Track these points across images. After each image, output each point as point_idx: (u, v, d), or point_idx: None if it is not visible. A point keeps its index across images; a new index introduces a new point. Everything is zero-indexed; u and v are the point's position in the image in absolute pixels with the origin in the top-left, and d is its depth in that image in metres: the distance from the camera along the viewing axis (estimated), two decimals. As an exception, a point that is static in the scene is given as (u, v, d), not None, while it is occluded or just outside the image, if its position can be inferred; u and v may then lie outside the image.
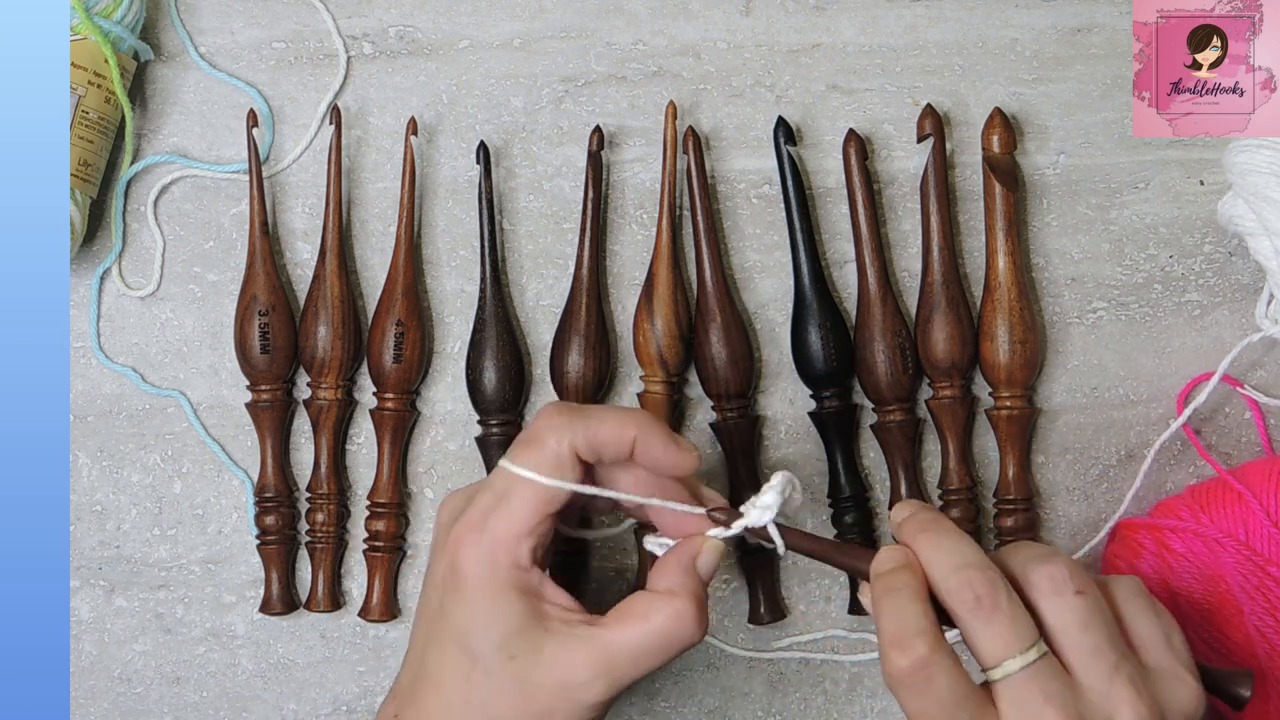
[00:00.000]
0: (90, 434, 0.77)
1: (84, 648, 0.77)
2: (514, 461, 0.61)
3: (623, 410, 0.62)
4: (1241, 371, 0.77)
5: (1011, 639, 0.57)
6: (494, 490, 0.61)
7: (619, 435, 0.61)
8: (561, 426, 0.61)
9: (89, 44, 0.73)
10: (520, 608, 0.60)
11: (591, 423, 0.61)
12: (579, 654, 0.59)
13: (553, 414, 0.61)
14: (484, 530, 0.60)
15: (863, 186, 0.76)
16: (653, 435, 0.61)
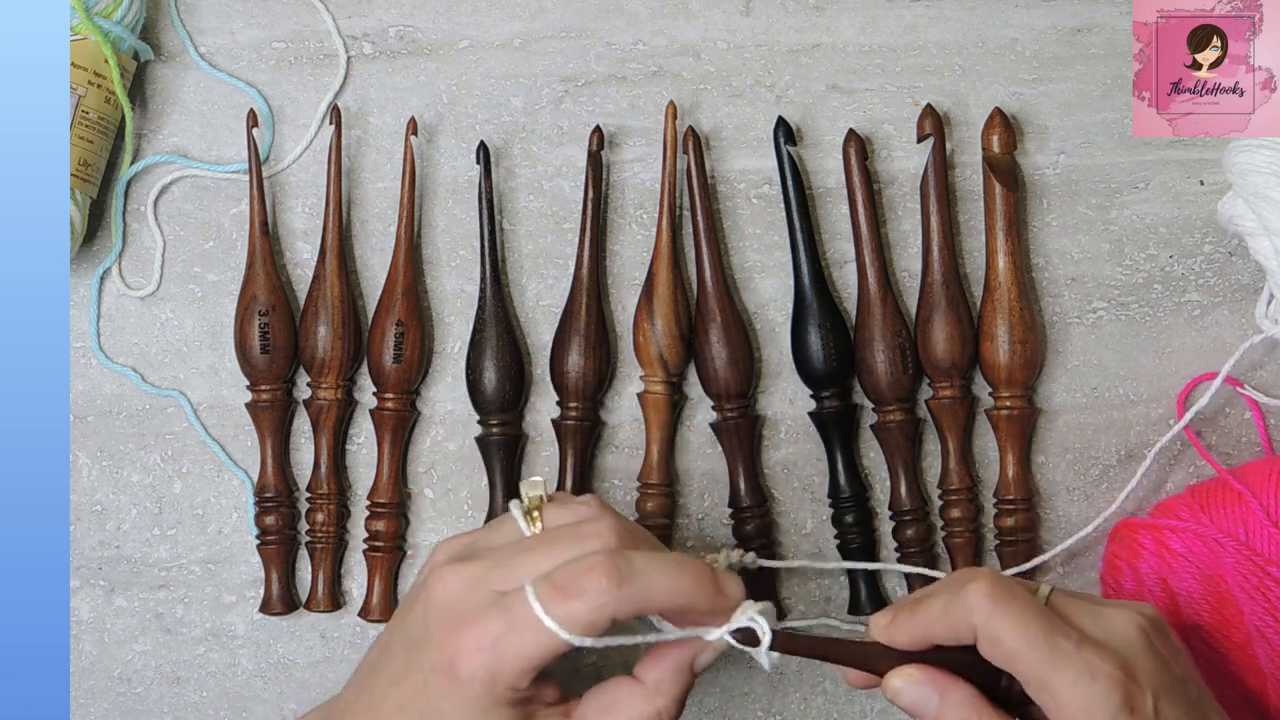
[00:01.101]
0: (90, 434, 0.77)
1: (84, 648, 0.76)
2: (545, 604, 0.56)
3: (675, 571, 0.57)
4: (1242, 371, 0.77)
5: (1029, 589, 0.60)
6: (511, 618, 0.56)
7: (667, 604, 0.58)
8: (605, 591, 0.56)
9: (89, 44, 0.73)
10: (514, 715, 0.58)
11: (641, 596, 0.57)
12: None
13: (598, 569, 0.56)
14: (492, 653, 0.57)
15: (863, 186, 0.76)
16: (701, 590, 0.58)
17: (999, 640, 0.58)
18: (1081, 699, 0.57)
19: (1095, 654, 0.57)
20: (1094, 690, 0.57)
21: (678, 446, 0.77)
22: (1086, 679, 0.57)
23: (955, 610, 0.59)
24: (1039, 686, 0.57)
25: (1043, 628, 0.57)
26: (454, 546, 0.61)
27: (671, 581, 0.57)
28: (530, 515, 0.61)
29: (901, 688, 0.59)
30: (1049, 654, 0.57)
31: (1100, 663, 0.57)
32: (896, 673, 0.60)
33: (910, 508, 0.76)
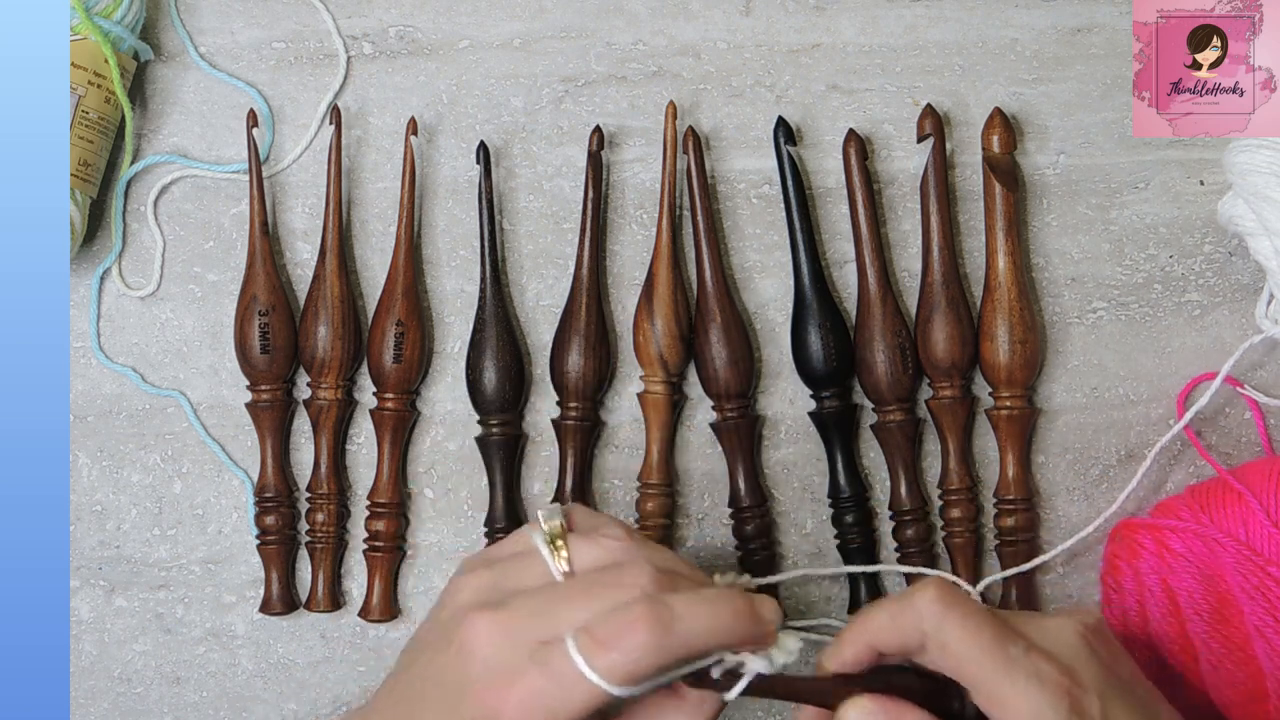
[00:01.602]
0: (90, 434, 0.77)
1: (84, 648, 0.77)
2: (591, 667, 0.55)
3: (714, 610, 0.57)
4: (1242, 371, 0.77)
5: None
6: (553, 672, 0.56)
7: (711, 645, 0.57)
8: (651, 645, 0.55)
9: (89, 44, 0.73)
10: None
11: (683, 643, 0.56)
12: None
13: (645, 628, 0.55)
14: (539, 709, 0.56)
15: (863, 186, 0.76)
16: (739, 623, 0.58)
17: (948, 645, 0.57)
18: (1031, 705, 0.57)
19: (1042, 660, 0.57)
20: (1043, 696, 0.57)
21: (678, 446, 0.77)
22: (1036, 685, 0.57)
23: (904, 617, 0.58)
24: (988, 693, 0.57)
25: (993, 634, 0.57)
26: (478, 585, 0.60)
27: (713, 622, 0.57)
28: (554, 546, 0.60)
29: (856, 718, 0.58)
30: (999, 659, 0.57)
31: (1048, 668, 0.57)
32: (850, 704, 0.59)
33: (910, 508, 0.76)
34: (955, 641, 0.57)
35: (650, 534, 0.75)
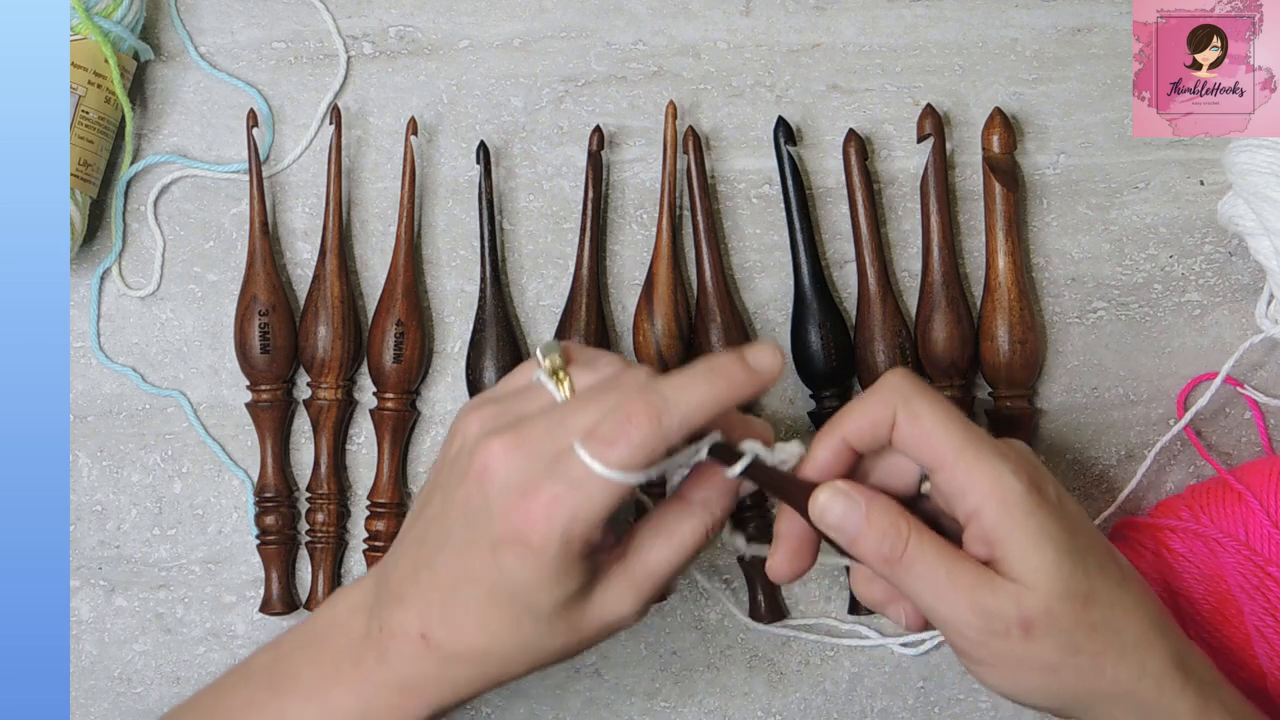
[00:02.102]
0: (90, 434, 0.77)
1: (84, 648, 0.76)
2: (602, 462, 0.57)
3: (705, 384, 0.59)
4: (1242, 371, 0.77)
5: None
6: (571, 479, 0.57)
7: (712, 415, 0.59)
8: (652, 433, 0.57)
9: (89, 44, 0.73)
10: (584, 571, 0.59)
11: (684, 422, 0.58)
12: (620, 587, 0.60)
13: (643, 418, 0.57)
14: (563, 516, 0.57)
15: (863, 186, 0.76)
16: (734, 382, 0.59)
17: (919, 416, 0.59)
18: (993, 473, 0.58)
19: (1003, 443, 0.60)
20: (1005, 467, 0.58)
21: (678, 446, 0.77)
22: (999, 458, 0.58)
23: (874, 399, 0.60)
24: (953, 466, 0.59)
25: (958, 414, 0.60)
26: (486, 417, 0.61)
27: (708, 389, 0.59)
28: (557, 378, 0.61)
29: (827, 501, 0.60)
30: (965, 433, 0.59)
31: (1008, 449, 0.59)
32: (822, 487, 0.60)
33: (910, 508, 0.76)
34: (926, 416, 0.59)
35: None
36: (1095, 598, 0.59)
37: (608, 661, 0.77)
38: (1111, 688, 0.59)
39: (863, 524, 0.60)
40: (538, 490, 0.58)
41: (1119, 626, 0.59)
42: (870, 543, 0.60)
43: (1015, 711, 0.76)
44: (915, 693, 0.77)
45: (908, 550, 0.59)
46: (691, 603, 0.77)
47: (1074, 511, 0.61)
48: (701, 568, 0.77)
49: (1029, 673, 0.59)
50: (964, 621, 0.59)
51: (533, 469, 0.58)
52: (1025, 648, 0.58)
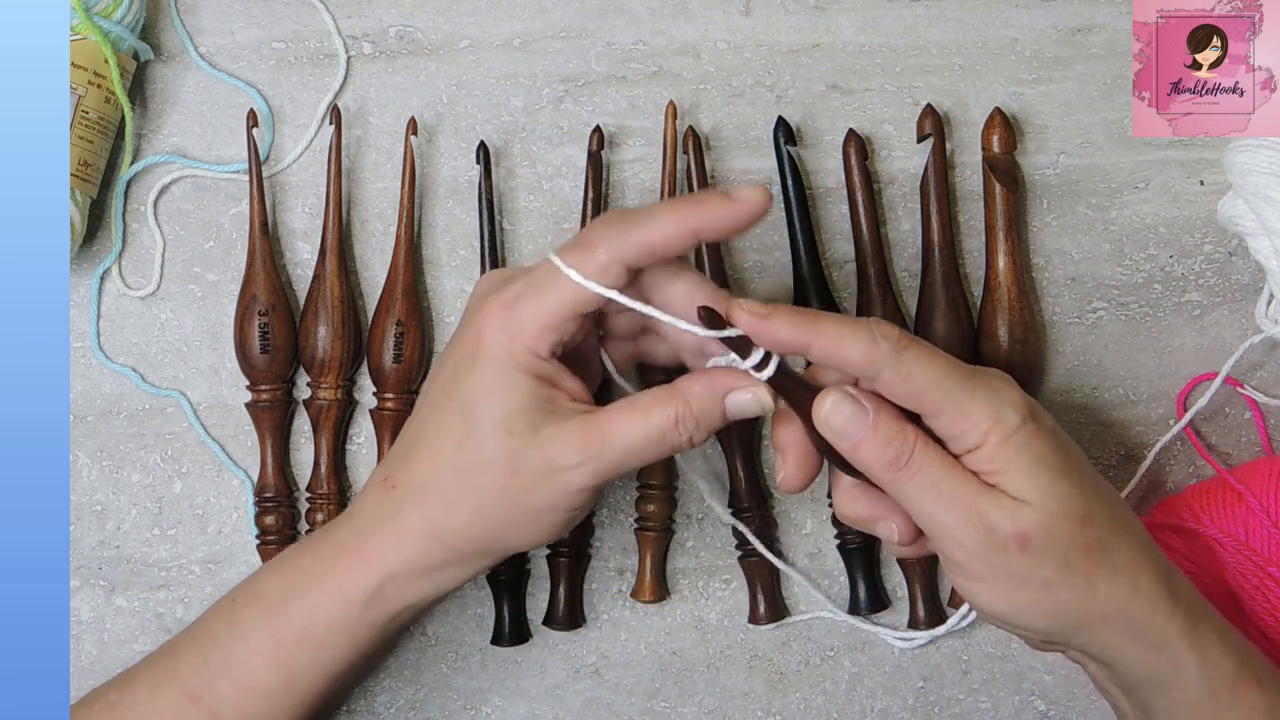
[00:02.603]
0: (90, 434, 0.77)
1: (84, 648, 0.76)
2: (561, 257, 0.60)
3: (675, 206, 0.61)
4: (1242, 371, 0.77)
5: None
6: (532, 279, 0.61)
7: (675, 231, 0.60)
8: (614, 237, 0.60)
9: (89, 44, 0.73)
10: (529, 389, 0.60)
11: (645, 230, 0.60)
12: (573, 436, 0.60)
13: (607, 222, 0.60)
14: (512, 310, 0.60)
15: (863, 186, 0.76)
16: (710, 209, 0.60)
17: (911, 376, 0.59)
18: (992, 412, 0.59)
19: (994, 377, 0.61)
20: (1002, 403, 0.59)
21: (678, 446, 0.77)
22: (994, 394, 0.59)
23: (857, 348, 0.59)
24: (951, 413, 0.59)
25: (947, 363, 0.59)
26: (493, 282, 0.64)
27: (678, 213, 0.60)
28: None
29: (834, 406, 0.60)
30: (960, 382, 0.59)
31: (1001, 384, 0.60)
32: (827, 391, 0.60)
33: (910, 508, 0.76)
34: (918, 375, 0.59)
35: (649, 536, 0.75)
36: (1091, 518, 0.60)
37: (608, 661, 0.77)
38: (1104, 606, 0.60)
39: (867, 430, 0.60)
40: (499, 292, 0.61)
41: (1112, 546, 0.60)
42: (874, 449, 0.60)
43: (1015, 712, 0.76)
44: (915, 693, 0.77)
45: (913, 457, 0.59)
46: (691, 603, 0.77)
47: (1068, 439, 0.62)
48: (703, 567, 0.77)
49: (1023, 589, 0.60)
50: (963, 531, 0.59)
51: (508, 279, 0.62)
52: (1021, 562, 0.59)
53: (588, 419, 0.60)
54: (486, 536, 0.62)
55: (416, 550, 0.62)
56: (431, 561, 0.63)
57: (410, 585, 0.63)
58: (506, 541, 0.63)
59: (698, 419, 0.61)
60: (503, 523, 0.62)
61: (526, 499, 0.61)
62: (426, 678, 0.76)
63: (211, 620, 0.66)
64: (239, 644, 0.64)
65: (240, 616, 0.64)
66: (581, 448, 0.60)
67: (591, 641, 0.77)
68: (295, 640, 0.63)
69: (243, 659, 0.64)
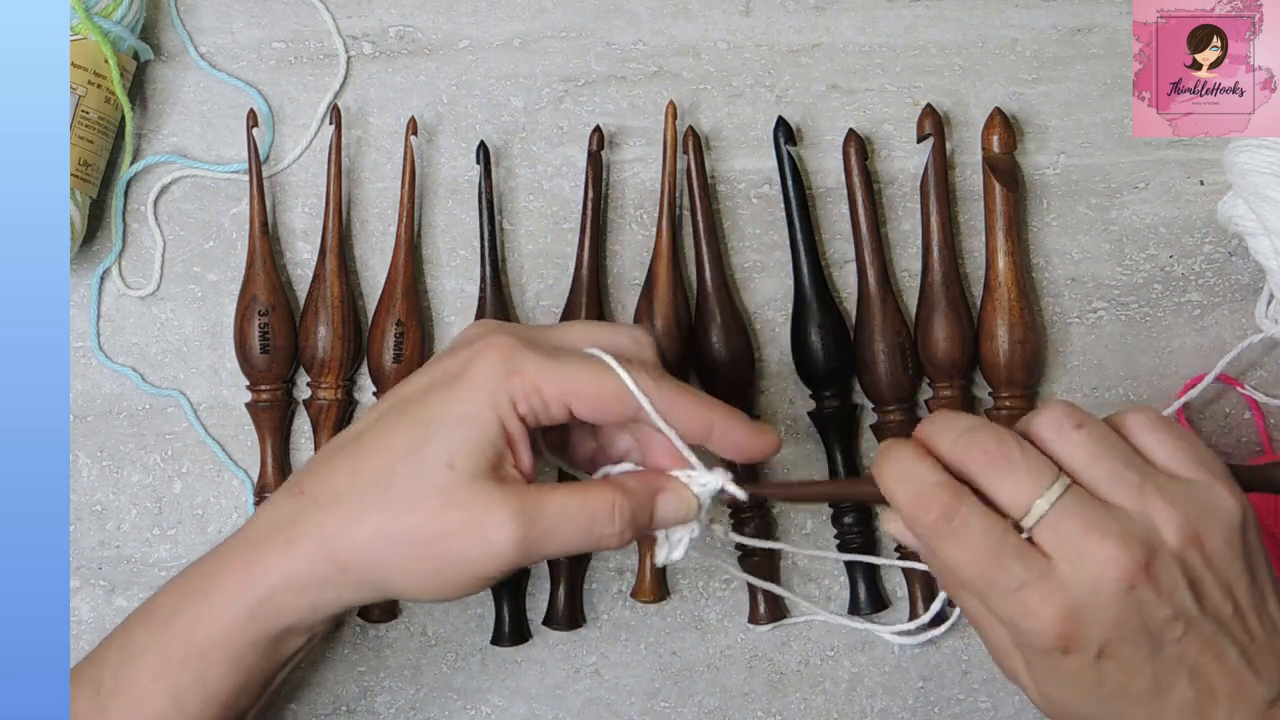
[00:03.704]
0: (90, 434, 0.77)
1: (84, 648, 0.76)
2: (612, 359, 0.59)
3: (709, 398, 0.61)
4: (1242, 371, 0.77)
5: (1031, 482, 0.56)
6: (559, 352, 0.59)
7: (699, 419, 0.60)
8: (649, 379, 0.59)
9: (89, 44, 0.73)
10: (490, 433, 0.58)
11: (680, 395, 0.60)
12: (508, 496, 0.58)
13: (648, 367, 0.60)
14: (520, 354, 0.58)
15: (863, 186, 0.76)
16: (734, 425, 0.61)
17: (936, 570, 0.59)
18: (1012, 628, 0.57)
19: (1037, 598, 0.55)
20: (1026, 628, 0.56)
21: (678, 446, 0.77)
22: (1019, 616, 0.56)
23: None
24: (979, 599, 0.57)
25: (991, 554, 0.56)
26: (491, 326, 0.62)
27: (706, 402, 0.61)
28: None
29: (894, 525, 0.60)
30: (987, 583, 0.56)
31: (1038, 607, 0.55)
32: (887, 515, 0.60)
33: (910, 508, 0.76)
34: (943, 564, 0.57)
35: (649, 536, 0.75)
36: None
37: (608, 661, 0.77)
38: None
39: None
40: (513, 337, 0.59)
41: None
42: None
43: (1015, 712, 0.76)
44: (915, 693, 0.77)
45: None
46: (691, 603, 0.77)
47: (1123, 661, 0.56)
48: (703, 567, 0.77)
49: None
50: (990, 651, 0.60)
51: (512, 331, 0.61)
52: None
53: (524, 487, 0.59)
54: (380, 566, 0.59)
55: (303, 560, 0.59)
56: (315, 577, 0.59)
57: (291, 600, 0.60)
58: (398, 582, 0.60)
59: (632, 512, 0.60)
60: (404, 559, 0.59)
61: (439, 542, 0.58)
62: (426, 678, 0.76)
63: (106, 646, 0.64)
64: (130, 665, 0.62)
65: (133, 637, 0.62)
66: (515, 508, 0.58)
67: (591, 641, 0.77)
68: (180, 658, 0.60)
69: (134, 680, 0.61)
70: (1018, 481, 0.56)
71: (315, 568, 0.59)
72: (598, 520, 0.59)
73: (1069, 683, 0.57)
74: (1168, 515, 0.56)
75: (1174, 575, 0.56)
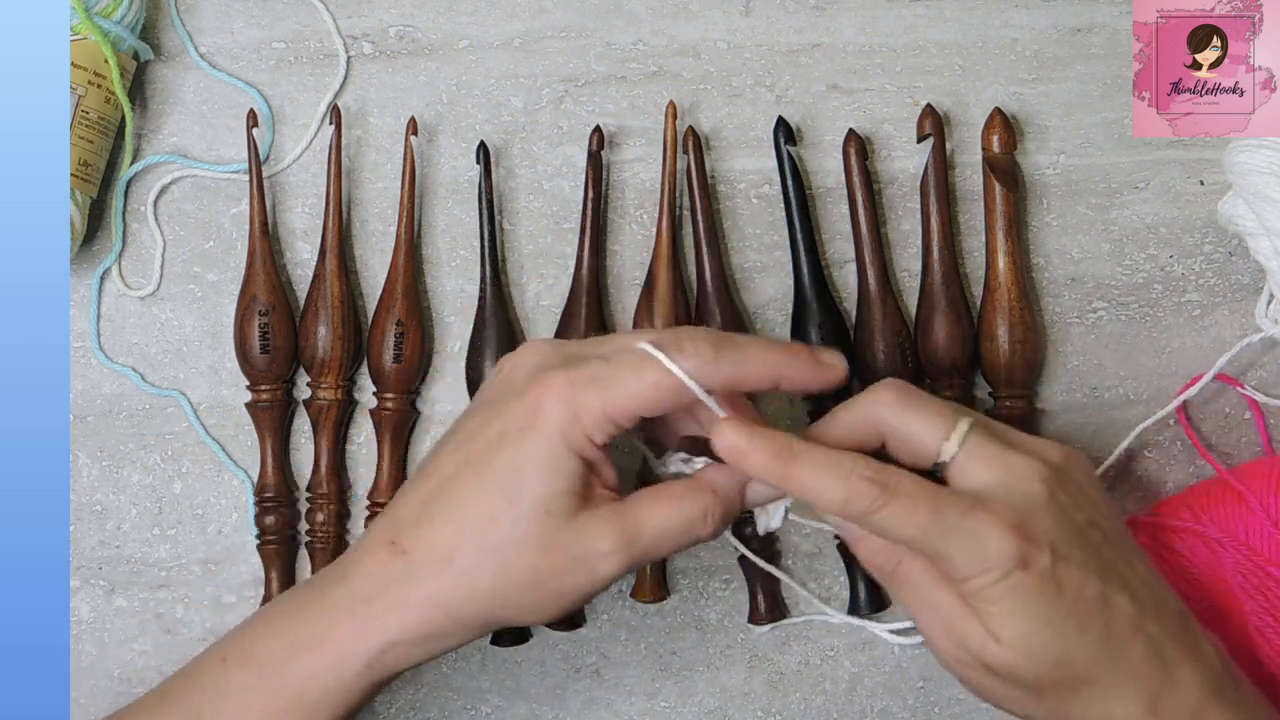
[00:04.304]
0: (90, 434, 0.77)
1: (84, 648, 0.76)
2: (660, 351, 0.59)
3: (768, 346, 0.61)
4: (1241, 371, 0.77)
5: (946, 416, 0.60)
6: (612, 367, 0.59)
7: (764, 373, 0.61)
8: (705, 350, 0.59)
9: (89, 44, 0.73)
10: (575, 472, 0.59)
11: (734, 358, 0.60)
12: (608, 523, 0.60)
13: (698, 335, 0.60)
14: (582, 391, 0.59)
15: (863, 186, 0.76)
16: (799, 364, 0.61)
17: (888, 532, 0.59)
18: (975, 554, 0.58)
19: (985, 516, 0.58)
20: (988, 546, 0.58)
21: (678, 446, 0.77)
22: (979, 539, 0.58)
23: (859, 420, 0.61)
24: (936, 557, 0.59)
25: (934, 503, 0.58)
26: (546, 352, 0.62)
27: (764, 348, 0.61)
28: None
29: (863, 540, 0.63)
30: (942, 530, 0.58)
31: (990, 525, 0.58)
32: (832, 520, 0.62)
33: (910, 508, 0.76)
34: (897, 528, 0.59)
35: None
36: (1066, 660, 0.59)
37: (608, 661, 0.77)
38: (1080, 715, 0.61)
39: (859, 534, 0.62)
40: (569, 372, 0.59)
41: (1088, 678, 0.59)
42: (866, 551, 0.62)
43: (1015, 711, 0.76)
44: (915, 693, 0.77)
45: (901, 565, 0.61)
46: (691, 603, 0.77)
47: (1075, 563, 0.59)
48: (703, 567, 0.77)
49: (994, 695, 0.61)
50: (940, 643, 0.61)
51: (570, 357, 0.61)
52: (991, 680, 0.60)
53: (620, 508, 0.60)
54: (499, 611, 0.61)
55: (421, 620, 0.61)
56: (434, 632, 0.61)
57: (408, 653, 0.61)
58: (515, 618, 0.62)
59: (724, 510, 0.61)
60: (520, 601, 0.60)
61: (553, 581, 0.60)
62: (426, 678, 0.76)
63: (201, 676, 0.64)
64: (231, 705, 0.62)
65: (232, 677, 0.63)
66: (616, 536, 0.60)
67: (591, 641, 0.77)
68: (287, 705, 0.61)
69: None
70: (934, 415, 0.60)
71: (433, 626, 0.61)
72: (694, 526, 0.61)
73: (1031, 606, 0.58)
74: (1045, 444, 0.62)
75: (1072, 487, 0.61)
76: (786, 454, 0.59)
